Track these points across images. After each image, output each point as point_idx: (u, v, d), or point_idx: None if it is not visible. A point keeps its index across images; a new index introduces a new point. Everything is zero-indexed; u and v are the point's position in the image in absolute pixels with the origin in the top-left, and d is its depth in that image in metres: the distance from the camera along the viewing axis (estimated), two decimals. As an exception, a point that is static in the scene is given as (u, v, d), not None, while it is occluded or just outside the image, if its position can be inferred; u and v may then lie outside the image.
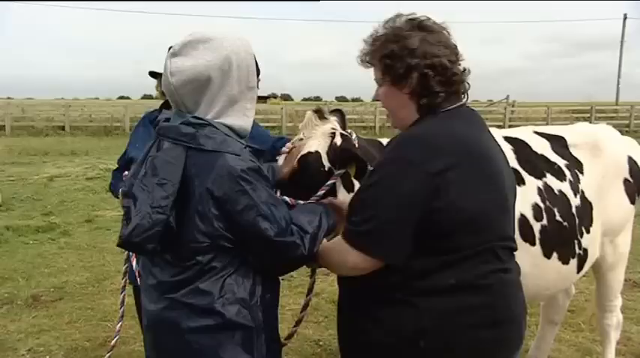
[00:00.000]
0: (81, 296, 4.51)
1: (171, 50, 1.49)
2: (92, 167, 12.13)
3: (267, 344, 1.58)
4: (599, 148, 2.59)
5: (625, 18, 37.22)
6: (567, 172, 2.47)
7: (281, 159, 2.03)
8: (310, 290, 1.96)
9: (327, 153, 1.94)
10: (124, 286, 2.14)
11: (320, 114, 2.03)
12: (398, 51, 1.47)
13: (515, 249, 1.60)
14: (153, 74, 2.50)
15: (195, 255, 1.46)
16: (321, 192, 1.86)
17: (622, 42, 36.68)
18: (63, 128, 22.16)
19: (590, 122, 24.08)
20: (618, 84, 36.15)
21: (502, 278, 1.52)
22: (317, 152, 1.94)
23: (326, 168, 1.93)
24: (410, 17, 1.53)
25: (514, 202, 1.61)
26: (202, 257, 1.46)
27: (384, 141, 2.26)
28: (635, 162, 2.69)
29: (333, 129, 2.00)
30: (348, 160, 1.92)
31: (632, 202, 2.67)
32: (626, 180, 2.62)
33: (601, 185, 2.52)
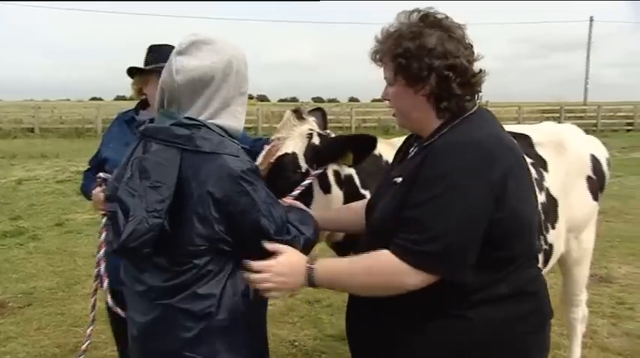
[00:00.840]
0: (50, 302, 4.41)
1: (176, 48, 1.49)
2: (63, 170, 11.88)
3: (259, 346, 1.60)
4: (564, 147, 2.66)
5: (591, 20, 38.27)
6: (532, 170, 2.53)
7: (260, 159, 2.03)
8: None
9: (304, 154, 1.95)
10: (96, 290, 2.11)
11: (298, 114, 2.04)
12: (414, 49, 1.37)
13: (540, 250, 1.61)
14: (131, 70, 2.41)
15: (192, 258, 1.42)
16: (296, 192, 1.88)
17: (589, 44, 37.72)
18: (32, 130, 21.61)
19: (560, 122, 24.69)
20: (586, 84, 37.15)
21: (542, 282, 1.51)
22: (293, 153, 1.95)
23: (302, 169, 1.94)
24: (427, 13, 1.41)
25: None
26: (199, 260, 1.43)
27: None
28: (598, 160, 2.78)
29: (311, 129, 2.01)
30: (340, 149, 1.91)
31: (595, 199, 2.75)
32: (589, 178, 2.70)
33: (565, 182, 2.59)
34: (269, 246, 1.44)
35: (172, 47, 1.86)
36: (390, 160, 2.16)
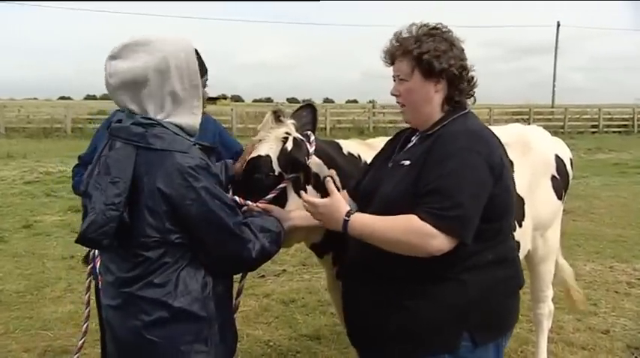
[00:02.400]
0: (18, 305, 4.30)
1: (110, 53, 1.54)
2: (31, 170, 11.55)
3: (220, 334, 1.64)
4: (529, 147, 2.75)
5: (558, 25, 39.33)
6: None
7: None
8: (239, 292, 1.96)
9: (278, 158, 1.96)
10: (89, 287, 2.10)
11: (277, 116, 2.04)
12: (433, 49, 1.61)
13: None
14: None
15: (146, 250, 1.51)
16: (271, 196, 1.89)
17: (556, 48, 38.75)
18: (-3, 129, 20.95)
19: (529, 123, 25.30)
20: (554, 87, 38.16)
21: (516, 252, 1.79)
22: (267, 156, 1.96)
23: (276, 173, 1.95)
24: (435, 26, 1.68)
25: None
26: (153, 252, 1.51)
27: (342, 142, 2.33)
28: (562, 161, 2.88)
29: (287, 133, 2.01)
30: (297, 168, 1.96)
31: (560, 198, 2.85)
32: (553, 177, 2.80)
33: (531, 182, 2.67)
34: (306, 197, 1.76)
35: None
36: (369, 161, 2.24)
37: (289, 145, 1.98)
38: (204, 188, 1.50)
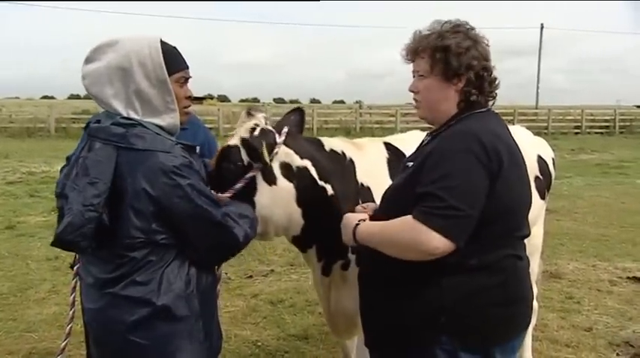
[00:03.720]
0: (1, 307, 4.23)
1: (85, 57, 1.59)
2: (13, 171, 11.36)
3: (205, 332, 1.65)
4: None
5: (542, 27, 39.87)
6: None
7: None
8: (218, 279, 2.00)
9: (241, 143, 2.00)
10: (74, 288, 2.09)
11: (248, 112, 2.10)
12: (455, 48, 1.57)
13: (527, 236, 1.74)
14: None
15: (130, 251, 1.51)
16: (239, 185, 1.92)
17: (540, 49, 39.29)
18: (-21, 129, 20.58)
19: (513, 124, 25.65)
20: (537, 89, 38.69)
21: (515, 263, 1.66)
22: (235, 146, 2.01)
23: (245, 163, 1.99)
24: (459, 23, 1.64)
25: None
26: (138, 252, 1.52)
27: (325, 139, 2.33)
28: (544, 161, 2.93)
29: (255, 124, 2.04)
30: (256, 155, 1.95)
31: (543, 198, 2.90)
32: (536, 178, 2.84)
33: None
34: None
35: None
36: (354, 157, 2.33)
37: (255, 134, 2.00)
38: (190, 185, 1.51)
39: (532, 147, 2.93)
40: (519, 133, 3.00)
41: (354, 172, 2.25)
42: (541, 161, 2.91)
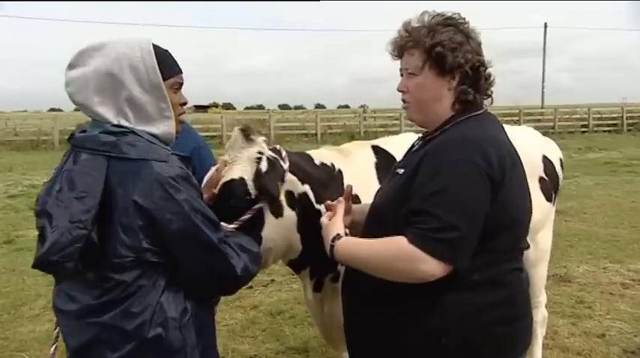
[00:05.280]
0: (-6, 326, 4.13)
1: (68, 61, 1.44)
2: (15, 184, 11.35)
3: None
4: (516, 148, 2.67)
5: (546, 27, 39.69)
6: None
7: (204, 183, 1.92)
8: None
9: (253, 180, 1.86)
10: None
11: (246, 134, 1.93)
12: (448, 42, 1.44)
13: (527, 247, 1.62)
14: None
15: (119, 272, 1.36)
16: (246, 216, 1.79)
17: (544, 49, 39.06)
18: (-16, 143, 20.68)
19: (519, 125, 25.34)
20: (543, 88, 38.41)
21: (518, 276, 1.53)
22: (242, 179, 1.86)
23: (252, 196, 1.86)
24: (450, 16, 1.50)
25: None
26: (127, 274, 1.36)
27: (313, 152, 2.23)
28: (550, 162, 2.79)
29: (260, 153, 1.91)
30: (273, 195, 1.87)
31: (549, 200, 2.76)
32: (541, 179, 2.71)
33: None
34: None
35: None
36: (342, 167, 2.20)
37: (263, 166, 1.88)
38: (186, 200, 1.36)
39: (535, 148, 2.80)
40: (526, 133, 2.90)
41: (342, 184, 2.15)
42: (546, 161, 2.77)
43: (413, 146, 1.66)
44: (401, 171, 1.52)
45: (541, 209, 2.73)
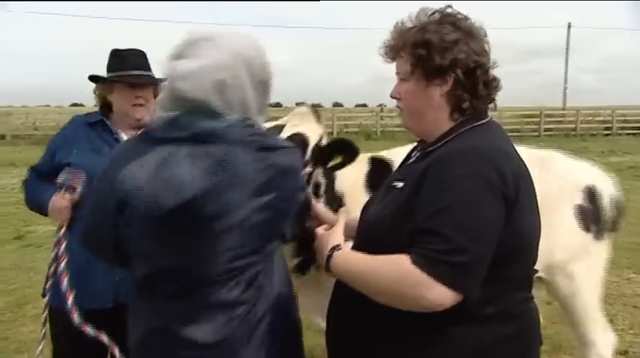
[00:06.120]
0: (-5, 325, 4.07)
1: (173, 52, 1.34)
2: (31, 178, 11.42)
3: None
4: (547, 168, 2.60)
5: (569, 27, 38.87)
6: None
7: None
8: None
9: (313, 148, 2.13)
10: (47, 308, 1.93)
11: (317, 114, 2.30)
12: (437, 41, 1.30)
13: (536, 273, 1.51)
14: (94, 78, 2.27)
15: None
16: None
17: (567, 49, 38.26)
18: (4, 137, 21.00)
19: (540, 126, 24.76)
20: (565, 89, 37.63)
21: (529, 306, 1.41)
22: (307, 138, 2.12)
23: (306, 157, 2.08)
24: (449, 12, 1.35)
25: None
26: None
27: None
28: (595, 193, 2.67)
29: (322, 135, 2.23)
30: (338, 149, 2.17)
31: (587, 230, 2.62)
32: (579, 207, 2.60)
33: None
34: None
35: (137, 52, 2.08)
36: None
37: (322, 143, 2.21)
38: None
39: (575, 174, 2.70)
40: (562, 158, 2.77)
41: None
42: (590, 191, 2.65)
43: (409, 157, 1.52)
44: (399, 184, 1.37)
45: (574, 237, 2.59)
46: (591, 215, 2.60)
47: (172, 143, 1.29)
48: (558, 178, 2.57)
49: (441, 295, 1.15)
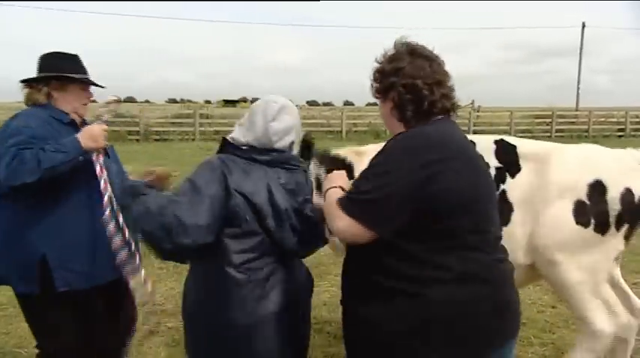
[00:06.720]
0: (-2, 319, 4.07)
1: (269, 117, 1.99)
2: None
3: None
4: (547, 163, 2.67)
5: (583, 26, 38.42)
6: (494, 172, 2.68)
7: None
8: None
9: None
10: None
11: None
12: (388, 69, 1.71)
13: (500, 237, 1.73)
14: (25, 81, 2.47)
15: None
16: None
17: (581, 49, 37.84)
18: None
19: (552, 127, 24.43)
20: (578, 90, 37.26)
21: (500, 268, 1.67)
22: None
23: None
24: (409, 43, 1.75)
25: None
26: None
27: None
28: (602, 187, 2.62)
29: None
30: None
31: (584, 225, 2.60)
32: (578, 201, 2.60)
33: (533, 195, 2.65)
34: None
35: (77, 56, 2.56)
36: (355, 164, 2.91)
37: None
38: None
39: (578, 169, 2.67)
40: (561, 151, 2.76)
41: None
42: (594, 186, 2.60)
43: None
44: None
45: (565, 228, 2.59)
46: (591, 210, 2.59)
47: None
48: (557, 173, 2.63)
49: (347, 226, 1.60)
